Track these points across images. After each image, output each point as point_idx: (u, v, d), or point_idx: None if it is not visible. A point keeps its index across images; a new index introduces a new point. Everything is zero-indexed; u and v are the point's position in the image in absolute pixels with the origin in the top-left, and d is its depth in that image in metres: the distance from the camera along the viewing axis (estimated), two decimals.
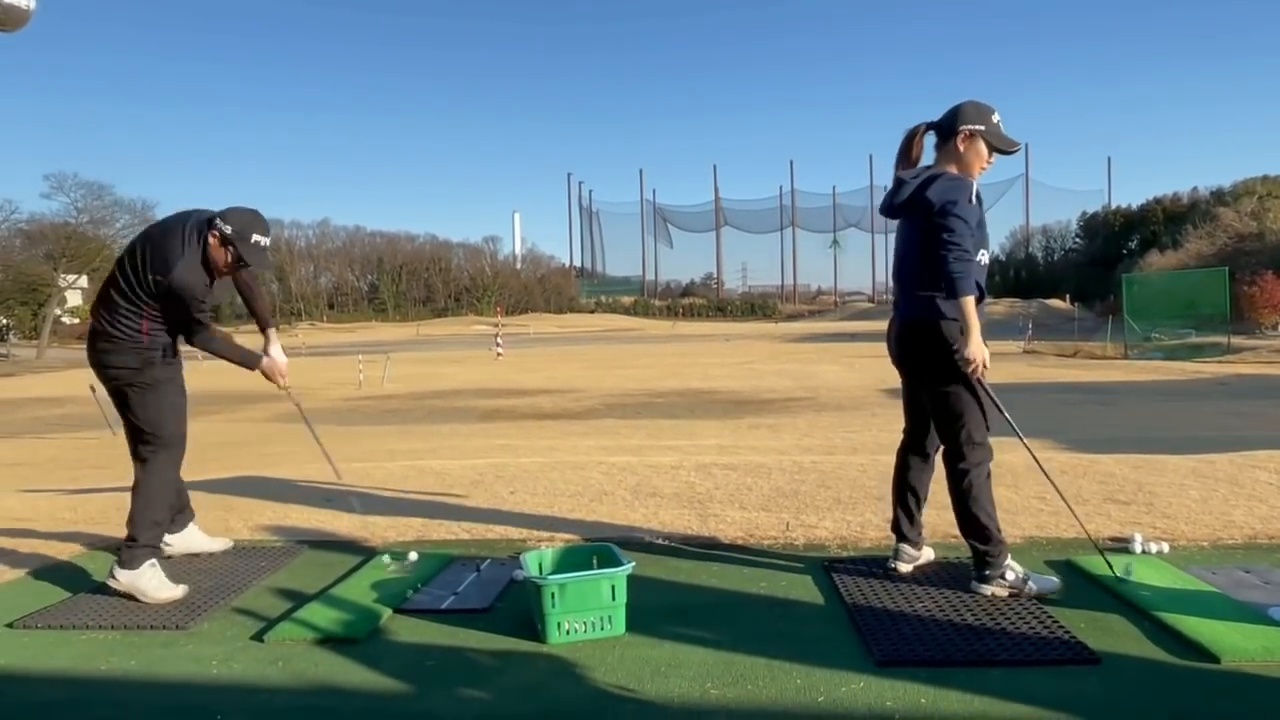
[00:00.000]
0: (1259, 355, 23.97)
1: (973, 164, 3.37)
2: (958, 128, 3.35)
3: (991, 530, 3.33)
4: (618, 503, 5.01)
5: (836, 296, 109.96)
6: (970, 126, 3.33)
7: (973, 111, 3.36)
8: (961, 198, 3.22)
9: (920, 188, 3.30)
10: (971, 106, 3.38)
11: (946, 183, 3.26)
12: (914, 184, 3.32)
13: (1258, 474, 5.28)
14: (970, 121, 3.34)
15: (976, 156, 3.36)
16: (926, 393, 3.43)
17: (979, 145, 3.35)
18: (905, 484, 3.66)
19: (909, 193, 3.33)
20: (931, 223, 3.24)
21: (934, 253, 3.22)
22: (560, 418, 13.17)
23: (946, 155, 3.40)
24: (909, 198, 3.33)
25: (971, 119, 3.35)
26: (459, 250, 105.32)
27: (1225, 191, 59.22)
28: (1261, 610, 3.06)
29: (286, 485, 5.78)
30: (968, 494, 3.34)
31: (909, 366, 3.49)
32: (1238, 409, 12.27)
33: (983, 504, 3.34)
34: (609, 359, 29.98)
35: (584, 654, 2.90)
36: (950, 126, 3.37)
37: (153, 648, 3.08)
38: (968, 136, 3.34)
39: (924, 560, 3.72)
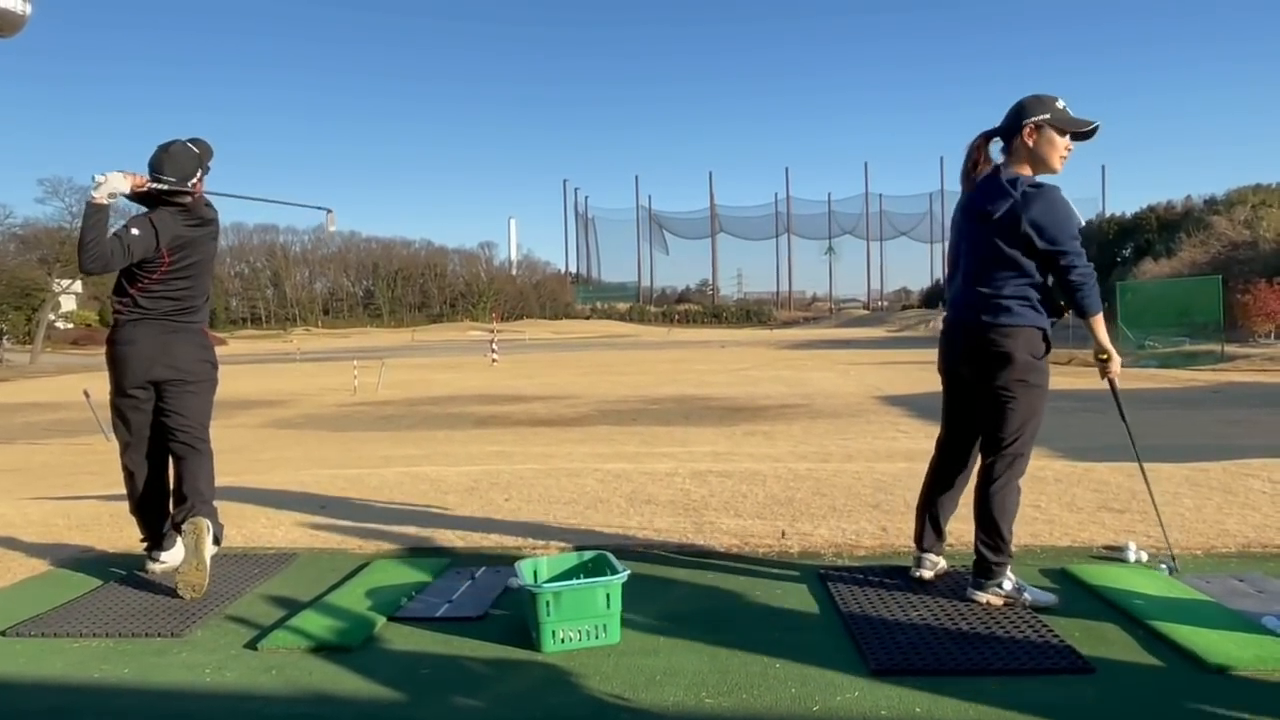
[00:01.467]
0: (1253, 363, 24.03)
1: (1049, 155, 3.23)
2: (1020, 124, 3.22)
3: (1007, 542, 3.31)
4: (613, 510, 5.00)
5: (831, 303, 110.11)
6: (1034, 118, 3.20)
7: (1033, 103, 3.23)
8: (1068, 213, 3.14)
9: (1018, 206, 3.15)
10: (1031, 99, 3.25)
11: (1046, 201, 3.14)
12: (1006, 201, 3.17)
13: (1251, 482, 5.29)
14: (1033, 113, 3.21)
15: (1050, 146, 3.22)
16: (989, 400, 3.29)
17: (1049, 134, 3.20)
18: (938, 497, 3.59)
19: (1005, 211, 3.17)
20: (1035, 248, 3.15)
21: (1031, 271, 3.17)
22: (555, 424, 13.17)
23: (1016, 155, 3.26)
24: (1004, 215, 3.17)
25: (1033, 110, 3.22)
26: (455, 256, 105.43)
27: (1218, 200, 59.38)
28: (1255, 619, 3.06)
29: (280, 492, 5.76)
30: (1001, 502, 3.28)
31: (977, 374, 3.31)
32: (1231, 417, 12.31)
33: (1010, 515, 3.31)
34: (604, 365, 29.98)
35: (579, 662, 2.90)
36: (1013, 125, 3.25)
37: (146, 655, 3.06)
38: (1034, 129, 3.21)
39: (943, 568, 3.67)
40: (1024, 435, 3.28)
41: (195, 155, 3.90)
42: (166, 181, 3.80)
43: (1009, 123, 3.28)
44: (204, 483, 3.94)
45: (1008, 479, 3.29)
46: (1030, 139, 3.22)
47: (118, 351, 3.86)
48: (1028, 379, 3.23)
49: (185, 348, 3.90)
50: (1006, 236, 3.19)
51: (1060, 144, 3.23)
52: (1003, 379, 3.23)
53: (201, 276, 3.99)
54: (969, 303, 3.32)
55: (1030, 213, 3.13)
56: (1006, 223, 3.18)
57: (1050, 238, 3.14)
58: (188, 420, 3.95)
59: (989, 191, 3.26)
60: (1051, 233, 3.13)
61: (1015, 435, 3.27)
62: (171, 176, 3.81)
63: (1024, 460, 3.32)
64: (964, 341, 3.35)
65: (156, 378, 3.86)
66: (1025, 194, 3.16)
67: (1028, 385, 3.23)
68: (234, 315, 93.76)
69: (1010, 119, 3.28)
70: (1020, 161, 3.26)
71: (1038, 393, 3.26)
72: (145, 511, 4.02)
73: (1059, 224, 3.14)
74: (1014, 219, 3.16)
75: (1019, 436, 3.27)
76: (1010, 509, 3.31)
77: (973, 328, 3.29)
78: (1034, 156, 3.24)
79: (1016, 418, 3.26)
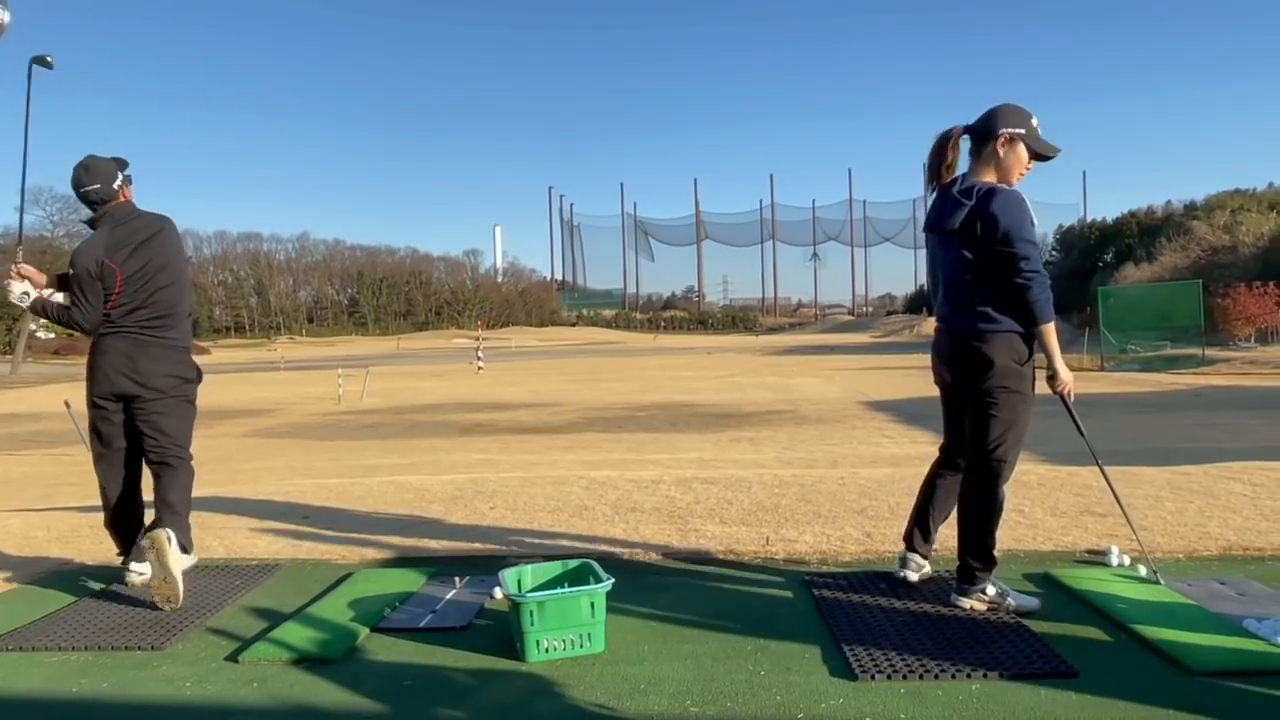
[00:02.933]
0: (1233, 367, 24.26)
1: (1013, 169, 3.28)
2: (997, 131, 3.25)
3: (990, 548, 3.32)
4: (598, 518, 4.99)
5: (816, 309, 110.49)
6: (1011, 130, 3.24)
7: (1012, 114, 3.26)
8: (1024, 219, 3.16)
9: (977, 210, 3.20)
10: (1010, 109, 3.28)
11: (1004, 203, 3.16)
12: (967, 205, 3.22)
13: (1232, 485, 5.33)
14: (1010, 125, 3.24)
15: (1017, 161, 3.27)
16: (973, 406, 3.32)
17: (1019, 150, 3.26)
18: (933, 500, 3.61)
19: (965, 216, 3.22)
20: (996, 249, 3.17)
21: (1003, 277, 3.16)
22: (541, 432, 13.14)
23: (984, 161, 3.30)
24: (965, 220, 3.23)
25: (1011, 122, 3.25)
26: (440, 264, 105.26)
27: (1198, 205, 60.07)
28: (1236, 622, 3.08)
29: (262, 502, 5.72)
30: (984, 509, 3.31)
31: (966, 379, 3.33)
32: (1212, 420, 12.40)
33: (993, 523, 3.32)
34: (590, 372, 29.96)
35: (563, 672, 2.89)
36: (988, 130, 3.27)
37: (125, 669, 3.03)
38: (1008, 140, 3.25)
39: (928, 573, 3.69)
40: (1007, 441, 3.29)
41: (112, 163, 3.96)
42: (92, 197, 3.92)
43: (984, 126, 3.30)
44: (175, 495, 3.89)
45: (992, 485, 3.30)
46: (1002, 149, 3.26)
47: (90, 361, 3.93)
48: (1009, 384, 3.24)
49: (154, 363, 3.86)
50: (971, 244, 3.23)
51: (1024, 160, 3.30)
52: (985, 385, 3.25)
53: (169, 287, 3.92)
54: (950, 312, 3.37)
55: (987, 211, 3.17)
56: (968, 230, 3.22)
57: (1003, 234, 3.15)
58: (160, 437, 3.91)
59: (944, 208, 3.32)
60: (1004, 229, 3.15)
61: (999, 441, 3.28)
62: (95, 184, 3.89)
63: (1008, 467, 3.33)
64: (948, 350, 3.38)
65: (121, 391, 3.84)
66: (981, 196, 3.20)
67: (1009, 391, 3.24)
68: (217, 324, 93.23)
69: (987, 123, 3.29)
70: (985, 168, 3.30)
71: (1020, 398, 3.27)
72: (118, 523, 3.99)
73: (1012, 221, 3.15)
74: (973, 223, 3.20)
75: (1002, 443, 3.28)
76: (994, 515, 3.32)
77: (955, 336, 3.33)
78: (1000, 166, 3.28)
79: (999, 423, 3.27)
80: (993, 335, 3.22)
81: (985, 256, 3.20)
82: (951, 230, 3.27)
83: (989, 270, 3.21)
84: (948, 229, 3.28)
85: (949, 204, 3.29)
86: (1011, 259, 3.15)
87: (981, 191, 3.21)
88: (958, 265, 3.29)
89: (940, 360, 3.47)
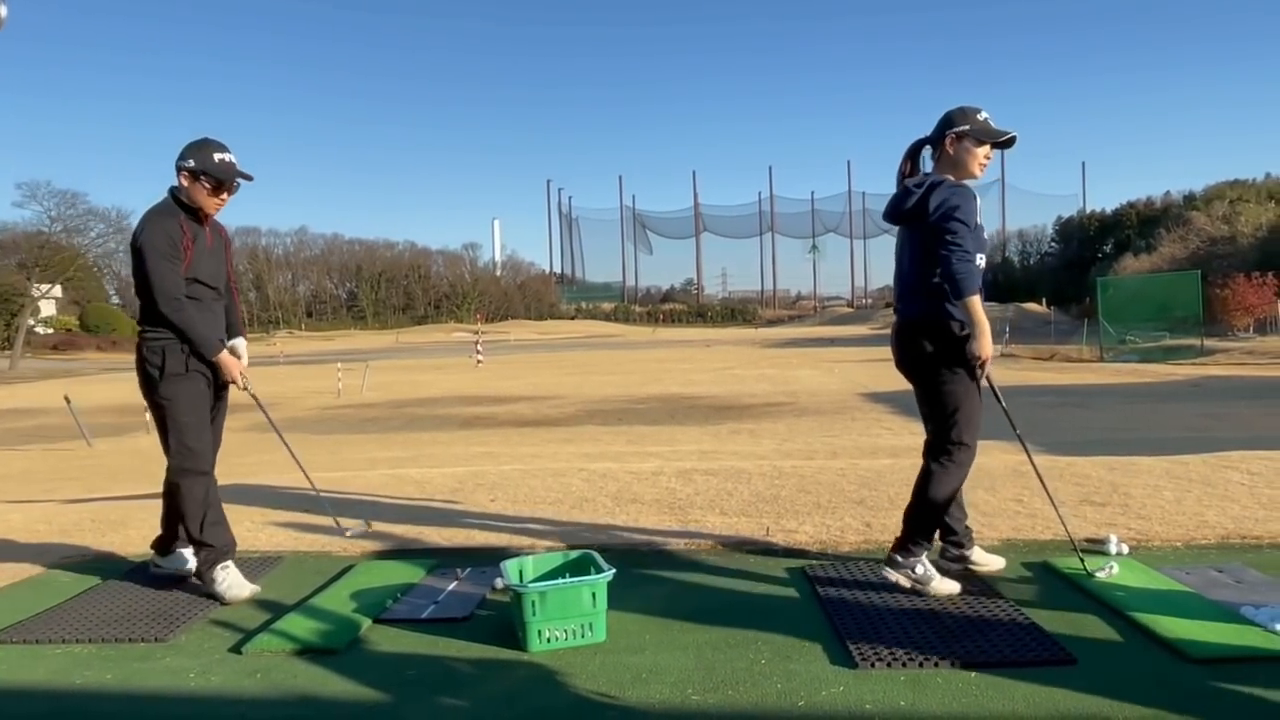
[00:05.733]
0: (1231, 357, 24.29)
1: (968, 163, 3.44)
2: (945, 133, 3.45)
3: (933, 528, 3.44)
4: (599, 509, 5.01)
5: (816, 301, 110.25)
6: (955, 129, 3.43)
7: (956, 115, 3.47)
8: (962, 203, 3.30)
9: (924, 195, 3.37)
10: (955, 111, 3.49)
11: (948, 190, 3.34)
12: (918, 192, 3.39)
13: (1230, 474, 5.35)
14: (954, 125, 3.45)
15: (969, 155, 3.44)
16: (926, 389, 3.48)
17: (968, 144, 3.43)
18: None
19: (914, 201, 3.39)
20: (933, 227, 3.31)
21: (937, 255, 3.29)
22: (541, 425, 13.16)
23: (943, 163, 3.49)
24: (914, 205, 3.39)
25: (955, 122, 3.45)
26: (438, 257, 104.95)
27: (1197, 195, 59.96)
28: (1234, 609, 3.10)
29: (263, 495, 5.74)
30: (936, 489, 3.40)
31: (911, 364, 3.51)
32: (1211, 410, 12.42)
33: (942, 503, 3.42)
34: (589, 365, 29.97)
35: (565, 661, 2.90)
36: (938, 135, 3.49)
37: (129, 661, 3.05)
38: (955, 139, 3.44)
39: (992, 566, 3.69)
40: (959, 423, 3.39)
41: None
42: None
43: (935, 133, 3.50)
44: (187, 517, 3.70)
45: (944, 466, 3.42)
46: (951, 148, 3.45)
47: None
48: (960, 369, 3.36)
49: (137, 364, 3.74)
50: (921, 231, 3.38)
51: (979, 153, 3.45)
52: (937, 369, 3.39)
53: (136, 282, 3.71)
54: (902, 299, 3.54)
55: (931, 195, 3.33)
56: (917, 216, 3.38)
57: (941, 213, 3.29)
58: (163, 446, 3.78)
59: (900, 200, 3.49)
60: (942, 208, 3.29)
61: (951, 424, 3.40)
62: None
63: (964, 449, 3.43)
64: (900, 336, 3.54)
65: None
66: (930, 186, 3.36)
67: (955, 374, 3.36)
68: None
69: (937, 129, 3.50)
70: (944, 168, 3.49)
71: (962, 378, 3.37)
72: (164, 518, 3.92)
73: (951, 203, 3.29)
74: (921, 210, 3.35)
75: (954, 424, 3.40)
76: (942, 496, 3.41)
77: (908, 321, 3.49)
78: (955, 163, 3.46)
79: (948, 406, 3.39)
80: (939, 320, 3.35)
81: (934, 244, 3.31)
82: (904, 217, 3.46)
83: (937, 256, 3.31)
84: (900, 216, 3.48)
85: (902, 195, 3.48)
86: (941, 234, 3.27)
87: (930, 181, 3.39)
88: (911, 253, 3.48)
89: (896, 346, 3.59)
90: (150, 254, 3.55)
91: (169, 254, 3.57)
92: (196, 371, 3.66)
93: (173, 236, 3.59)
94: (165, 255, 3.56)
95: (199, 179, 3.65)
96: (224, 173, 3.68)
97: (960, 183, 3.41)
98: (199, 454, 3.69)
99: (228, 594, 3.61)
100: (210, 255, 3.75)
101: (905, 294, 3.51)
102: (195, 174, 3.64)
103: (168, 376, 3.62)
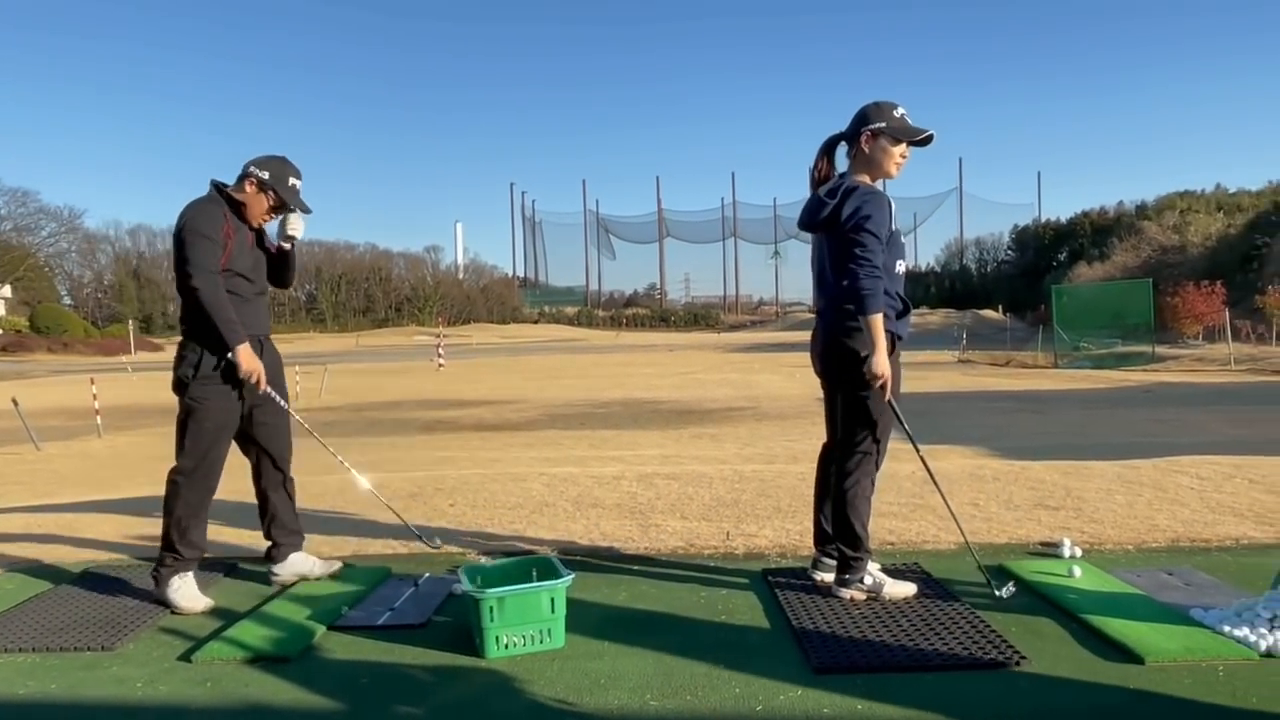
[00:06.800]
0: (1182, 364, 24.82)
1: (884, 163, 3.36)
2: (860, 130, 3.36)
3: (863, 538, 3.42)
4: (559, 514, 4.98)
5: (778, 307, 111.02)
6: (871, 127, 3.34)
7: (872, 111, 3.36)
8: (875, 212, 3.24)
9: (838, 204, 3.30)
10: (871, 107, 3.38)
11: (860, 197, 3.27)
12: (831, 202, 3.32)
13: (1180, 479, 5.46)
14: (870, 121, 3.34)
15: (885, 154, 3.35)
16: (842, 399, 3.45)
17: (883, 143, 3.34)
18: (825, 494, 3.66)
19: (828, 212, 3.33)
20: (845, 237, 3.27)
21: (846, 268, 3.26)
22: (502, 429, 13.08)
23: (858, 162, 3.40)
24: (828, 215, 3.33)
25: (871, 119, 3.35)
26: (400, 260, 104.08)
27: (1148, 205, 61.38)
28: (1183, 611, 3.16)
29: (216, 500, 5.61)
30: (852, 500, 3.40)
31: (829, 374, 3.51)
32: (1162, 416, 12.68)
33: (862, 512, 3.42)
34: (552, 369, 29.88)
35: (523, 668, 2.88)
36: (854, 132, 3.38)
37: (74, 670, 2.97)
38: (870, 137, 3.35)
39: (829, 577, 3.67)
40: (874, 433, 3.40)
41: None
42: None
43: (850, 130, 3.41)
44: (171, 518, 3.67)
45: (859, 476, 3.42)
46: (866, 145, 3.37)
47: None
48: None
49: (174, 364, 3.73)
50: (838, 239, 3.32)
51: (895, 152, 3.37)
52: (851, 376, 3.36)
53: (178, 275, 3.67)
54: (825, 307, 3.48)
55: (844, 204, 3.28)
56: (832, 224, 3.32)
57: (852, 222, 3.24)
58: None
59: (814, 207, 3.41)
60: (854, 218, 3.24)
61: (865, 434, 3.40)
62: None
63: (874, 459, 3.45)
64: (822, 341, 3.49)
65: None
66: (844, 192, 3.30)
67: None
68: (171, 320, 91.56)
69: (852, 125, 3.40)
70: (860, 166, 3.41)
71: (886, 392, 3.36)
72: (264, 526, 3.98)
73: (863, 212, 3.24)
74: (835, 218, 3.30)
75: (869, 434, 3.40)
76: (862, 506, 3.42)
77: (827, 327, 3.44)
78: (870, 162, 3.38)
79: (868, 415, 3.38)
80: (857, 330, 3.31)
81: (844, 253, 3.28)
82: (818, 226, 3.39)
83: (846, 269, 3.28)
84: (815, 225, 3.41)
85: (816, 203, 3.40)
86: (850, 245, 3.24)
87: (844, 188, 3.32)
88: (831, 260, 3.39)
89: (820, 354, 3.55)
90: (190, 233, 3.56)
91: (209, 234, 3.59)
92: (232, 381, 3.65)
93: (215, 221, 3.63)
94: (205, 234, 3.58)
95: (266, 191, 3.70)
96: (290, 198, 3.75)
97: (874, 188, 3.35)
98: (209, 463, 3.69)
99: (180, 604, 3.54)
100: (251, 252, 3.77)
101: (831, 301, 3.42)
102: (264, 186, 3.69)
103: (201, 377, 3.62)
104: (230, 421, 3.72)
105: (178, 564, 3.62)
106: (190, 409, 3.64)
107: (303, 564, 3.90)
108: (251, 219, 3.75)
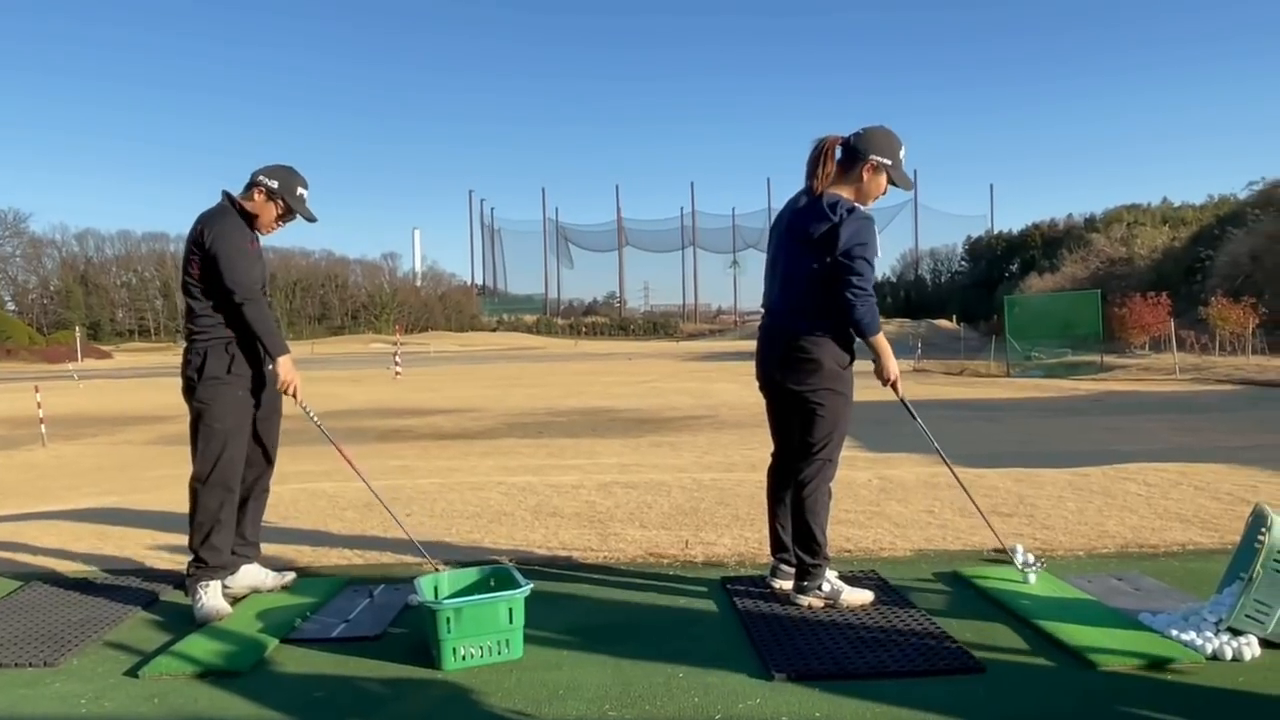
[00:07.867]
0: (1129, 373, 25.35)
1: (872, 193, 3.45)
2: (868, 155, 3.37)
3: (821, 545, 3.45)
4: (517, 523, 4.95)
5: (736, 316, 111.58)
6: (879, 159, 3.38)
7: (884, 143, 3.40)
8: (870, 239, 3.30)
9: (836, 225, 3.28)
10: (884, 136, 3.41)
11: (857, 222, 3.29)
12: (832, 220, 3.29)
13: (1128, 485, 5.57)
14: (880, 153, 3.38)
15: (876, 188, 3.45)
16: (798, 409, 3.45)
17: (881, 179, 3.42)
18: (779, 503, 3.70)
19: (825, 230, 3.30)
20: (836, 261, 3.28)
21: (834, 290, 3.29)
22: (460, 438, 12.97)
23: (850, 179, 3.41)
24: (824, 234, 3.30)
25: (883, 150, 3.39)
26: (356, 267, 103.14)
27: (1097, 218, 62.85)
28: (1132, 616, 3.22)
29: (166, 511, 5.51)
30: (811, 508, 3.43)
31: (786, 381, 3.45)
32: (1111, 424, 12.93)
33: (820, 520, 3.45)
34: (510, 378, 29.72)
35: (480, 679, 2.85)
36: (860, 152, 3.38)
37: (15, 687, 2.88)
38: (875, 168, 3.39)
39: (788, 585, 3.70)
40: (832, 441, 3.45)
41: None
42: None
43: (858, 145, 3.41)
44: (194, 526, 3.62)
45: (817, 484, 3.45)
46: (867, 174, 3.41)
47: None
48: (834, 387, 3.40)
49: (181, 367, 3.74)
50: (823, 255, 3.33)
51: (883, 189, 3.48)
52: (812, 385, 3.39)
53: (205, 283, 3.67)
54: (785, 310, 3.48)
55: (843, 229, 3.29)
56: (826, 242, 3.32)
57: (846, 250, 3.28)
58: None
59: (811, 215, 3.39)
60: (851, 246, 3.28)
61: (824, 441, 3.44)
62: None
63: (833, 466, 3.50)
64: (780, 347, 3.47)
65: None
66: (843, 216, 3.31)
67: (834, 393, 3.40)
68: (120, 327, 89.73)
69: (862, 144, 3.40)
70: (849, 184, 3.42)
71: (843, 400, 3.43)
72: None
73: (858, 241, 3.29)
74: (831, 238, 3.31)
75: (827, 443, 3.44)
76: (821, 513, 3.46)
77: (787, 334, 3.44)
78: (861, 188, 3.43)
79: (825, 424, 3.42)
80: (821, 339, 3.36)
81: (832, 269, 3.32)
82: (813, 237, 3.36)
83: (831, 281, 3.32)
84: (811, 235, 3.37)
85: (815, 213, 3.37)
86: (847, 272, 3.28)
87: (845, 210, 3.32)
88: (804, 269, 3.40)
89: (770, 356, 3.54)
90: (231, 251, 3.58)
91: (246, 250, 3.63)
92: (239, 376, 3.65)
93: (245, 234, 3.68)
94: (244, 252, 3.62)
95: (275, 200, 3.72)
96: (298, 207, 3.79)
97: (867, 213, 3.39)
98: (224, 467, 3.61)
99: (198, 615, 3.48)
100: (259, 261, 3.77)
101: (795, 309, 3.43)
102: (273, 195, 3.71)
103: (206, 379, 3.59)
104: (242, 423, 3.70)
105: (200, 572, 3.56)
106: (199, 412, 3.64)
107: (255, 576, 3.83)
108: (260, 227, 3.78)
